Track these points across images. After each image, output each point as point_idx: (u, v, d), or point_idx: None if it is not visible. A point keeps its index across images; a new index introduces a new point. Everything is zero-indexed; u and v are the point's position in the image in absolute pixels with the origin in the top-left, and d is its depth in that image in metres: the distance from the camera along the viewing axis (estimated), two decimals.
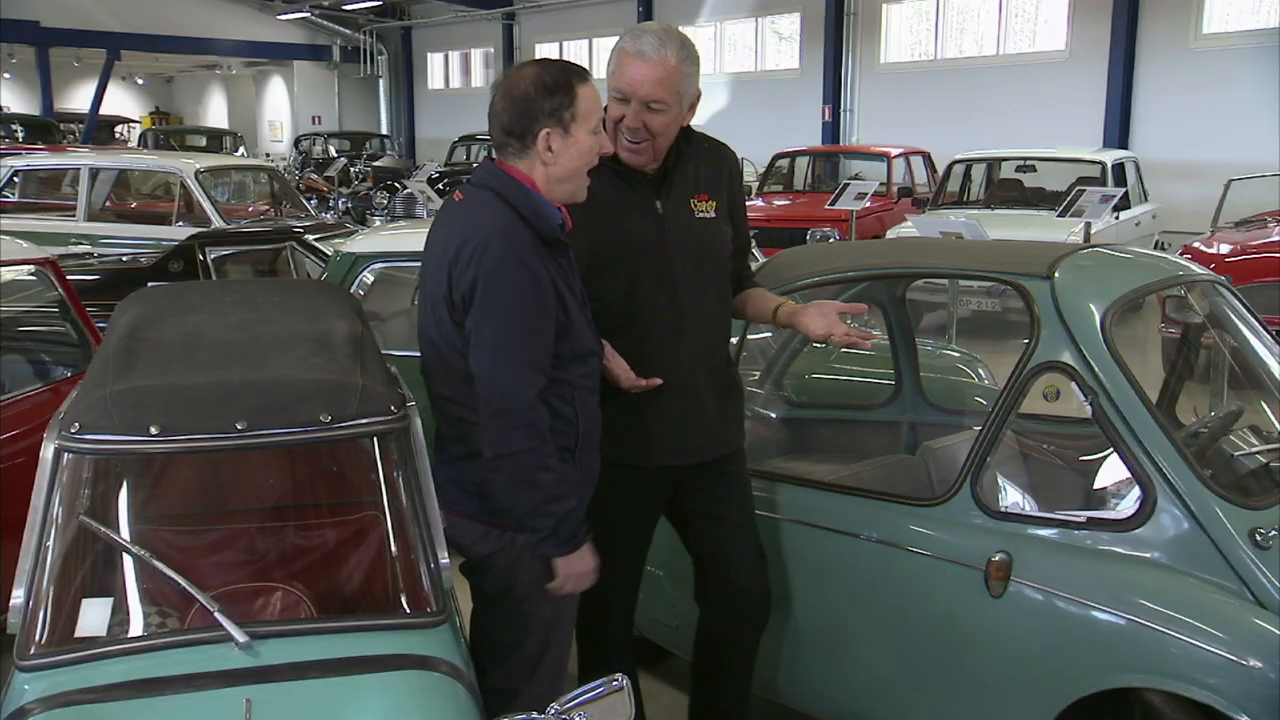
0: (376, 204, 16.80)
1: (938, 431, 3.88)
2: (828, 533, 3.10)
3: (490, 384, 2.40)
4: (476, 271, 2.38)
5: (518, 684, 2.62)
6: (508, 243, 2.39)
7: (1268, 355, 3.28)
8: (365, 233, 6.37)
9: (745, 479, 3.08)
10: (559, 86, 2.44)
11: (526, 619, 2.61)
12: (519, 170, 2.50)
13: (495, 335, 2.39)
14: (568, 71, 2.48)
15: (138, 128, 28.43)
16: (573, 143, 2.47)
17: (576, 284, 2.56)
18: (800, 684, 3.23)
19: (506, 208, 2.44)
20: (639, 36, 2.70)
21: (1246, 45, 14.60)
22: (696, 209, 2.86)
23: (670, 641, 3.56)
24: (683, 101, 2.72)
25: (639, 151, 2.75)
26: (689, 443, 2.89)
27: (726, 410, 2.98)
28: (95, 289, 6.71)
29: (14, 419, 3.94)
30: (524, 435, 2.40)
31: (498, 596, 2.60)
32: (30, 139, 19.34)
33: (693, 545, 3.08)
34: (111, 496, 2.34)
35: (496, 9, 25.94)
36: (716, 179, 2.92)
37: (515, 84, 2.46)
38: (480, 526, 2.55)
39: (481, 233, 2.41)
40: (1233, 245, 8.56)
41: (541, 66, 2.49)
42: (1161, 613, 2.50)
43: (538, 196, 2.48)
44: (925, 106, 17.98)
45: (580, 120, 2.46)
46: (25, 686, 2.02)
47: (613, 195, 2.76)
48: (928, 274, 4.31)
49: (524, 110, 2.45)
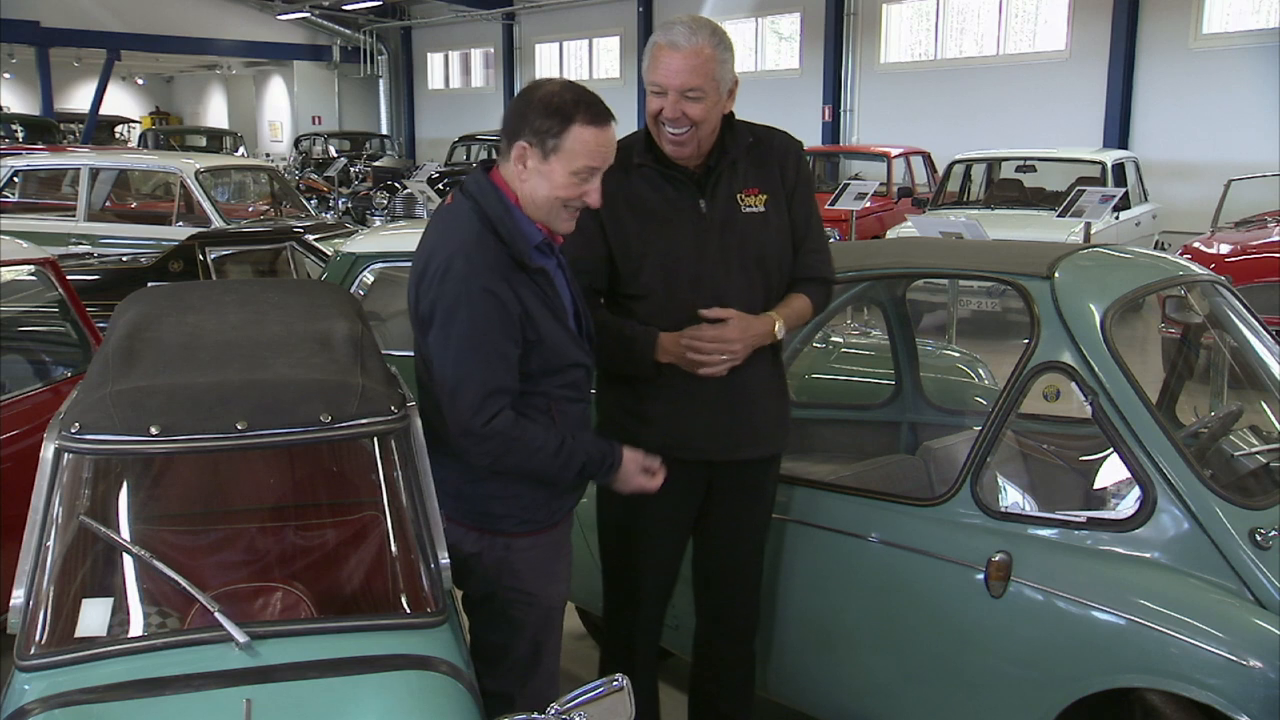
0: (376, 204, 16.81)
1: (938, 431, 3.88)
2: (828, 533, 3.10)
3: (451, 405, 2.43)
4: (437, 294, 2.42)
5: (512, 689, 2.62)
6: (469, 264, 2.39)
7: (1268, 355, 3.29)
8: (365, 233, 6.37)
9: (770, 493, 3.04)
10: (558, 112, 2.40)
11: (514, 622, 2.62)
12: (504, 180, 2.49)
13: (455, 358, 2.41)
14: (579, 105, 2.42)
15: (138, 128, 28.41)
16: (547, 171, 2.42)
17: (558, 299, 2.53)
18: (800, 684, 3.23)
19: (481, 223, 2.44)
20: (670, 28, 2.71)
21: (1246, 45, 14.60)
22: (744, 204, 2.80)
23: (670, 642, 3.56)
24: (720, 88, 2.69)
25: (683, 142, 2.72)
26: (727, 438, 2.86)
27: (770, 410, 2.92)
28: (95, 289, 6.72)
29: (14, 419, 3.94)
30: (494, 446, 2.43)
31: (484, 599, 2.61)
32: (30, 139, 19.35)
33: (696, 552, 3.08)
34: (111, 496, 2.34)
35: (496, 9, 25.93)
36: (768, 171, 2.84)
37: (532, 88, 2.48)
38: (460, 528, 2.56)
39: (447, 250, 2.43)
40: (1233, 245, 8.57)
41: (565, 88, 2.45)
42: (1161, 613, 2.50)
43: (518, 213, 2.47)
44: (925, 106, 17.98)
45: (562, 155, 2.41)
46: (25, 686, 2.02)
47: (654, 197, 2.78)
48: (928, 274, 4.32)
49: (520, 115, 2.44)
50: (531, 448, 2.45)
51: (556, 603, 2.71)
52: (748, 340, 2.73)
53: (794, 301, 2.86)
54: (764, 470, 2.97)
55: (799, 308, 2.87)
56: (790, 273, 2.87)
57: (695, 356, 2.71)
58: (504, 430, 2.41)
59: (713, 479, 2.94)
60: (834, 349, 4.82)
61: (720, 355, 2.71)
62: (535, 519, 2.59)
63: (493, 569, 2.57)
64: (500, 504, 2.56)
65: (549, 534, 2.64)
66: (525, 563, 2.60)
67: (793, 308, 2.86)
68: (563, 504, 2.65)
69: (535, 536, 2.61)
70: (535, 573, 2.62)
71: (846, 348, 4.91)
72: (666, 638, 3.56)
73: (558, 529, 2.67)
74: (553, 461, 2.48)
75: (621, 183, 2.74)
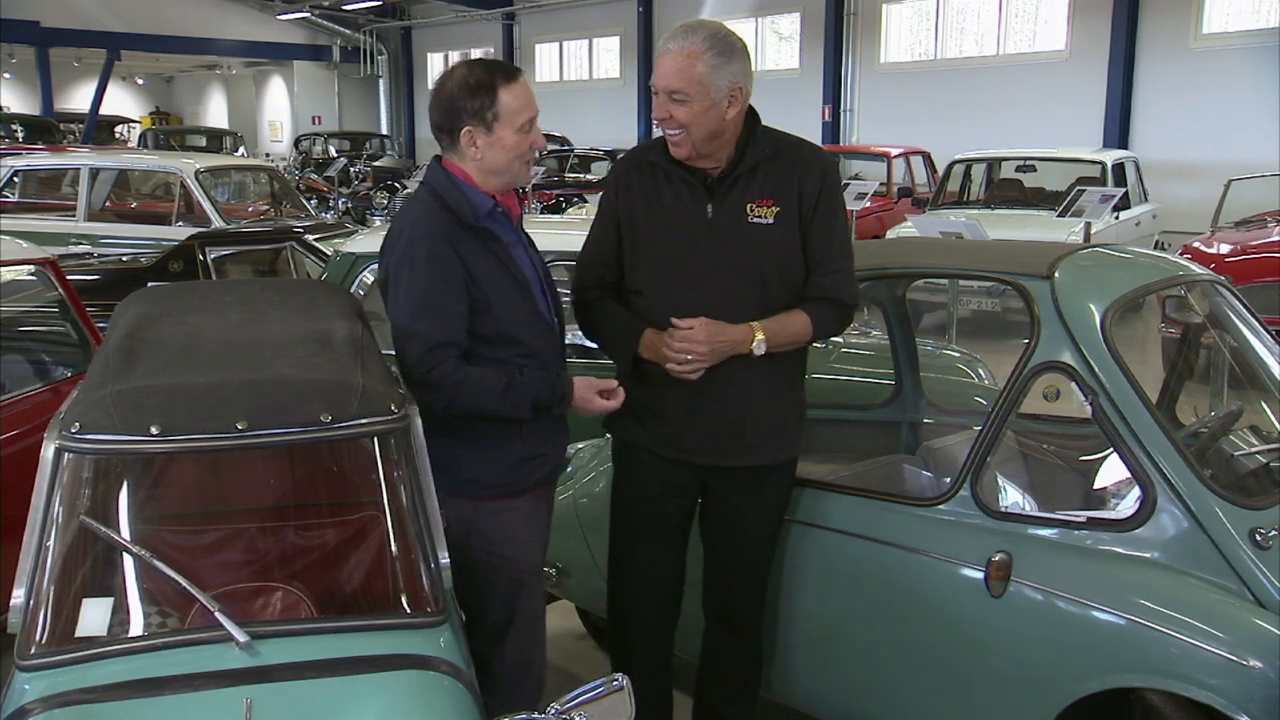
0: (376, 204, 16.83)
1: (938, 431, 3.88)
2: (828, 532, 3.10)
3: (402, 357, 2.63)
4: (390, 258, 2.67)
5: (488, 651, 2.72)
6: (415, 229, 2.64)
7: (1268, 355, 3.28)
8: (365, 233, 6.37)
9: (774, 499, 3.01)
10: (481, 88, 2.61)
11: (484, 584, 2.75)
12: (453, 164, 2.71)
13: (403, 314, 2.63)
14: (493, 73, 2.64)
15: (138, 128, 28.39)
16: (497, 140, 2.65)
17: (515, 267, 2.71)
18: (800, 684, 3.23)
19: (431, 198, 2.68)
20: (674, 32, 2.76)
21: (1246, 45, 14.61)
22: (752, 214, 2.77)
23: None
24: (710, 93, 2.68)
25: (678, 143, 2.76)
26: (717, 444, 2.87)
27: (768, 421, 2.89)
28: (95, 289, 6.71)
29: (14, 419, 3.94)
30: (443, 393, 2.59)
31: (453, 563, 2.62)
32: (30, 139, 19.34)
33: (704, 554, 3.09)
34: (112, 496, 2.33)
35: (496, 9, 25.93)
36: (787, 184, 2.79)
37: (444, 84, 2.67)
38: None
39: (400, 224, 2.70)
40: (1233, 245, 8.57)
41: (469, 68, 2.67)
42: (1161, 613, 2.50)
43: (465, 186, 2.68)
44: (925, 106, 17.98)
45: (504, 119, 2.63)
46: (25, 686, 2.02)
47: (666, 197, 2.83)
48: (928, 274, 4.32)
49: (449, 109, 2.65)
50: (480, 389, 2.61)
51: (527, 569, 2.83)
52: (714, 345, 2.73)
53: (787, 317, 2.79)
54: (764, 477, 2.95)
55: (791, 325, 2.79)
56: (796, 287, 2.82)
57: (665, 353, 2.77)
58: (449, 375, 2.59)
59: (709, 482, 2.97)
60: (834, 349, 4.82)
61: (686, 356, 2.73)
62: (501, 483, 2.74)
63: (460, 532, 2.68)
64: (468, 468, 2.71)
65: (517, 500, 2.78)
66: (492, 525, 2.74)
67: (782, 323, 2.78)
68: (529, 471, 2.77)
69: (502, 501, 2.75)
70: (502, 535, 2.76)
71: (846, 348, 4.91)
72: None
73: (525, 496, 2.79)
74: (503, 399, 2.63)
75: (644, 180, 2.85)
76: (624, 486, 3.06)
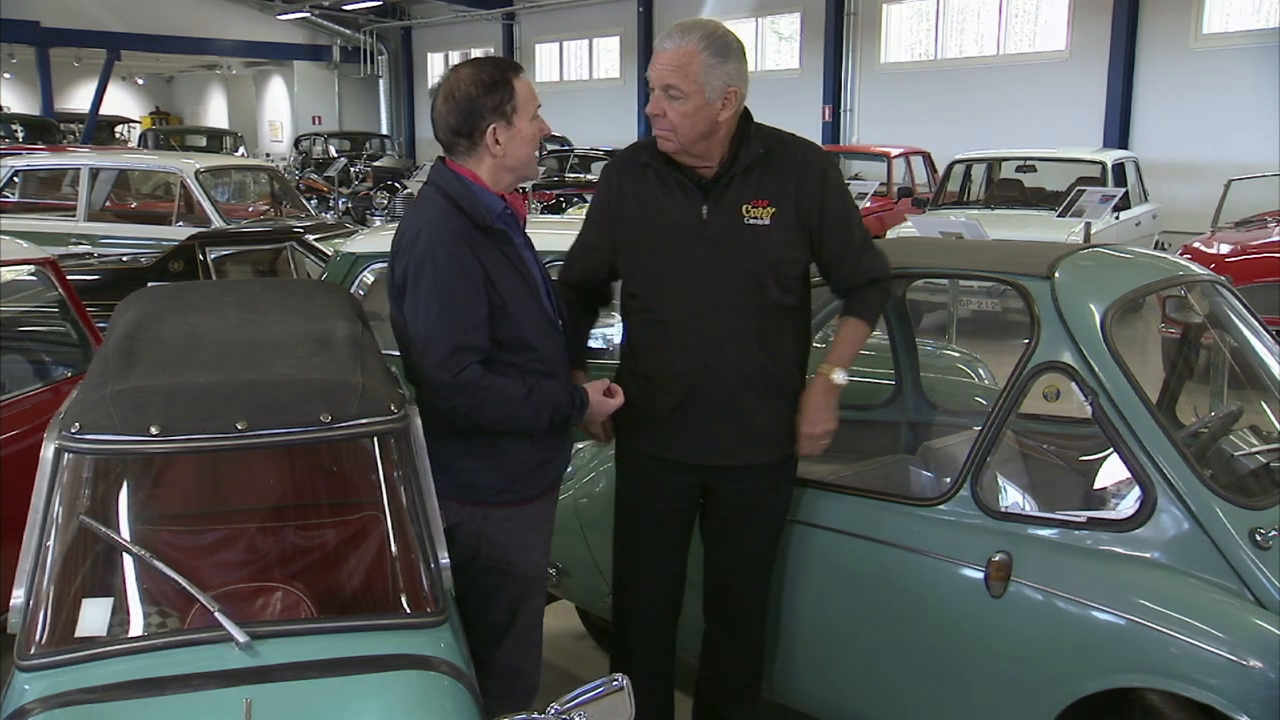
0: (376, 204, 16.82)
1: (938, 431, 3.88)
2: (828, 533, 3.09)
3: (424, 362, 2.58)
4: (408, 260, 2.61)
5: (486, 651, 2.72)
6: (434, 232, 2.59)
7: (1268, 355, 3.28)
8: (365, 233, 6.37)
9: (775, 500, 3.01)
10: (497, 83, 2.61)
11: (491, 589, 2.75)
12: (465, 168, 2.67)
13: (426, 317, 2.58)
14: (502, 67, 2.66)
15: (138, 128, 28.38)
16: (517, 132, 2.64)
17: (525, 269, 2.70)
18: (800, 683, 3.23)
19: (443, 200, 2.64)
20: (672, 29, 2.76)
21: (1246, 45, 14.61)
22: (748, 215, 2.77)
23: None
24: (705, 92, 2.68)
25: (667, 139, 2.76)
26: (714, 444, 2.88)
27: (765, 418, 2.89)
28: (95, 289, 6.71)
29: (14, 419, 3.94)
30: (466, 397, 2.56)
31: (463, 567, 2.65)
32: (30, 139, 19.34)
33: (705, 555, 3.10)
34: (112, 496, 2.33)
35: (496, 9, 25.93)
36: (783, 184, 2.78)
37: (455, 86, 2.63)
38: (442, 499, 2.58)
39: (416, 225, 2.64)
40: (1233, 245, 8.56)
41: (477, 66, 2.66)
42: (1161, 613, 2.50)
43: (476, 188, 2.65)
44: (925, 106, 17.98)
45: (520, 110, 2.64)
46: (25, 686, 2.02)
47: (662, 199, 2.83)
48: (928, 274, 4.31)
49: (468, 109, 2.61)
50: (502, 396, 2.59)
51: (534, 573, 2.85)
52: (833, 418, 2.89)
53: (842, 337, 2.93)
54: (764, 477, 2.95)
55: (851, 341, 2.92)
56: (793, 287, 2.83)
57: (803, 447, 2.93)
58: (474, 380, 2.56)
59: (709, 483, 2.96)
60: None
61: (823, 442, 2.90)
62: (512, 490, 2.72)
63: (471, 538, 2.69)
64: (479, 475, 2.69)
65: (527, 506, 2.77)
66: (503, 533, 2.73)
67: (845, 347, 2.92)
68: (539, 477, 2.77)
69: (513, 508, 2.74)
70: (513, 543, 2.75)
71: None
72: None
73: (535, 503, 2.79)
74: (524, 407, 2.61)
75: (637, 180, 2.85)
76: (625, 489, 3.06)
